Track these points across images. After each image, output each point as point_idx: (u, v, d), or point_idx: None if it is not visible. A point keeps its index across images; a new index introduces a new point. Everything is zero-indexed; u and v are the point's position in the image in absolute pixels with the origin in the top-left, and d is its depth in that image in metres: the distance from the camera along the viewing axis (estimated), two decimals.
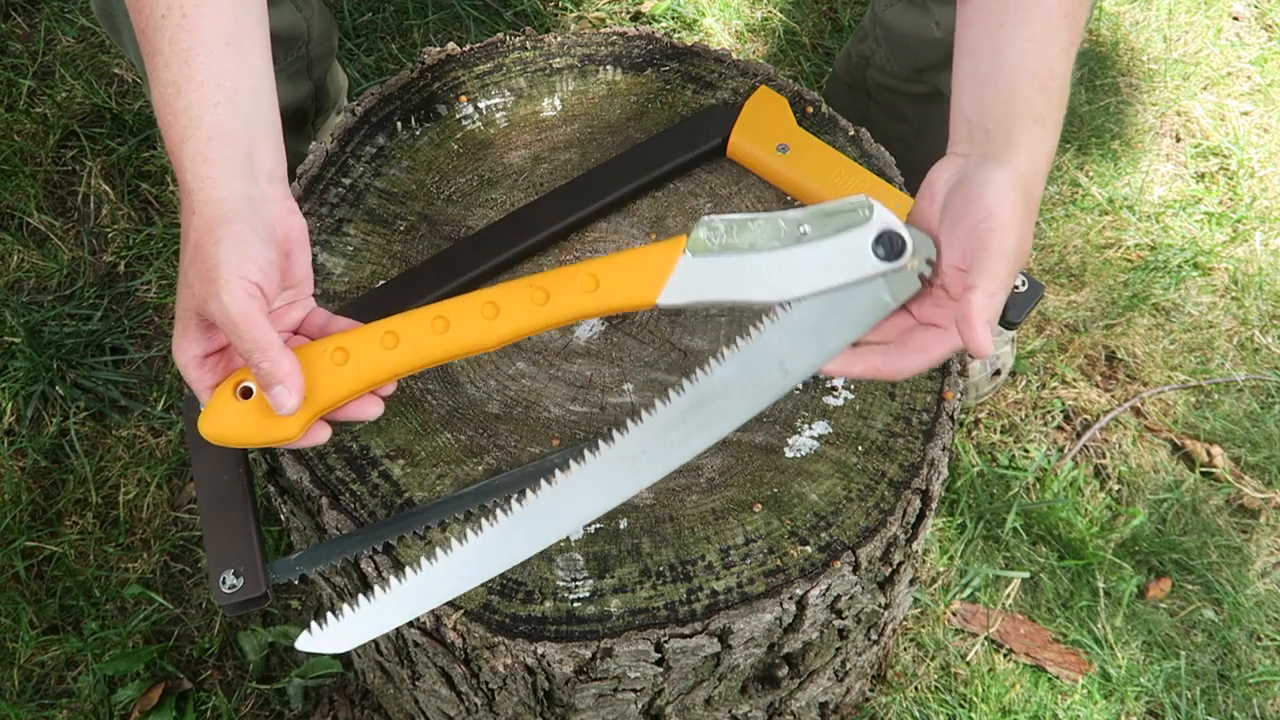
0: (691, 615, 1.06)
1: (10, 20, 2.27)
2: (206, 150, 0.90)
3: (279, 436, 0.90)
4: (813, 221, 0.90)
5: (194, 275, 0.88)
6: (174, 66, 0.91)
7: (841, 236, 0.90)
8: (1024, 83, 0.94)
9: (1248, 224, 2.11)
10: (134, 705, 1.66)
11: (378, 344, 0.90)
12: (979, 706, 1.68)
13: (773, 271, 0.90)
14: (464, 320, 0.90)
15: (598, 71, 1.34)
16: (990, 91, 0.94)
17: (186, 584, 1.76)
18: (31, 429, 1.86)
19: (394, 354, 0.90)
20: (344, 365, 0.90)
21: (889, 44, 1.61)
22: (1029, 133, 0.93)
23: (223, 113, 0.91)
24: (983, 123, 0.94)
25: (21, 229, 2.05)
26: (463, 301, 0.91)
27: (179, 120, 0.91)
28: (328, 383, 0.90)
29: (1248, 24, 2.37)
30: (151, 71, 0.93)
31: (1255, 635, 1.76)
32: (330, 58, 1.70)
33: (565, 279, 0.91)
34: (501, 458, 1.12)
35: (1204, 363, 1.98)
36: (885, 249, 0.90)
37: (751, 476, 1.12)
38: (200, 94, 0.91)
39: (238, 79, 0.93)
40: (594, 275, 0.90)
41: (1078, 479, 1.86)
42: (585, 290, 0.90)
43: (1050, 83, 0.94)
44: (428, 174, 1.27)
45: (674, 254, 0.90)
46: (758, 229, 0.90)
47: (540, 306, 0.90)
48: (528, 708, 1.16)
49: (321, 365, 0.90)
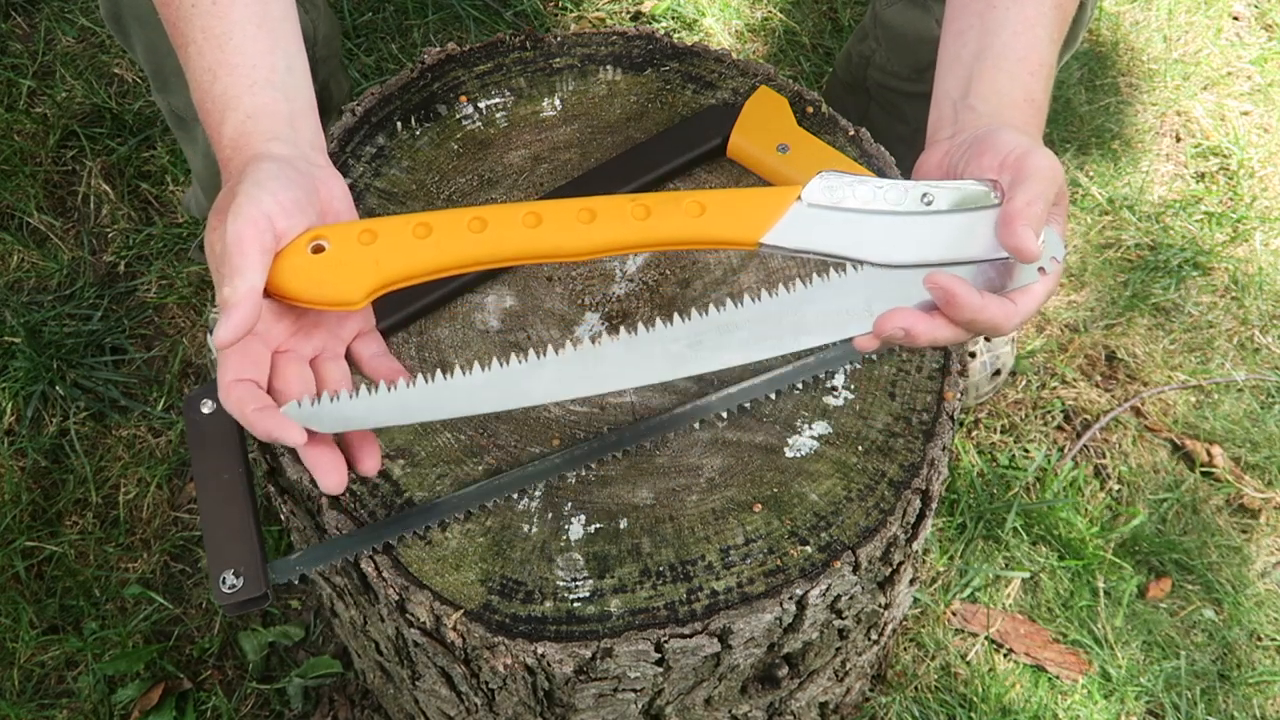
0: (691, 615, 1.06)
1: (10, 20, 2.27)
2: (246, 126, 0.90)
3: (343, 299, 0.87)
4: (939, 193, 0.87)
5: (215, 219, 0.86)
6: (208, 53, 0.92)
7: (969, 214, 0.87)
8: (1014, 64, 0.93)
9: (1248, 224, 2.11)
10: (134, 705, 1.66)
11: (464, 227, 0.87)
12: (979, 706, 1.68)
13: (888, 234, 0.87)
14: (557, 220, 0.87)
15: (598, 71, 1.34)
16: (979, 71, 0.93)
17: (186, 584, 1.76)
18: (31, 429, 1.86)
19: (479, 238, 0.86)
20: (425, 239, 0.87)
21: (889, 43, 1.61)
22: (1020, 111, 0.92)
23: (259, 91, 0.91)
24: (970, 101, 0.93)
25: (21, 229, 2.05)
26: (557, 204, 0.87)
27: (217, 105, 0.91)
28: (405, 254, 0.86)
29: (1248, 24, 2.38)
30: (185, 62, 0.93)
31: (1255, 635, 1.76)
32: (335, 60, 1.70)
33: (669, 201, 0.87)
34: (501, 458, 1.12)
35: (1204, 363, 1.98)
36: None
37: (751, 476, 1.12)
38: (235, 76, 0.91)
39: (273, 59, 0.93)
40: (700, 203, 0.87)
41: (1078, 479, 1.86)
42: (689, 215, 0.87)
43: (1040, 69, 0.93)
44: (428, 174, 1.27)
45: (788, 198, 0.87)
46: (881, 191, 0.87)
47: (640, 221, 0.87)
48: (528, 708, 1.16)
49: (401, 236, 0.86)
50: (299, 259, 0.86)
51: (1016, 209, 0.84)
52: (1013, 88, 0.92)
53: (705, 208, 0.87)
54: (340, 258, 0.86)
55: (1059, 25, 0.95)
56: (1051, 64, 0.95)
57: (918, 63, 1.58)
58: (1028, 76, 0.92)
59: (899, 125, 1.69)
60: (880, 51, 1.64)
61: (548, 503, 1.10)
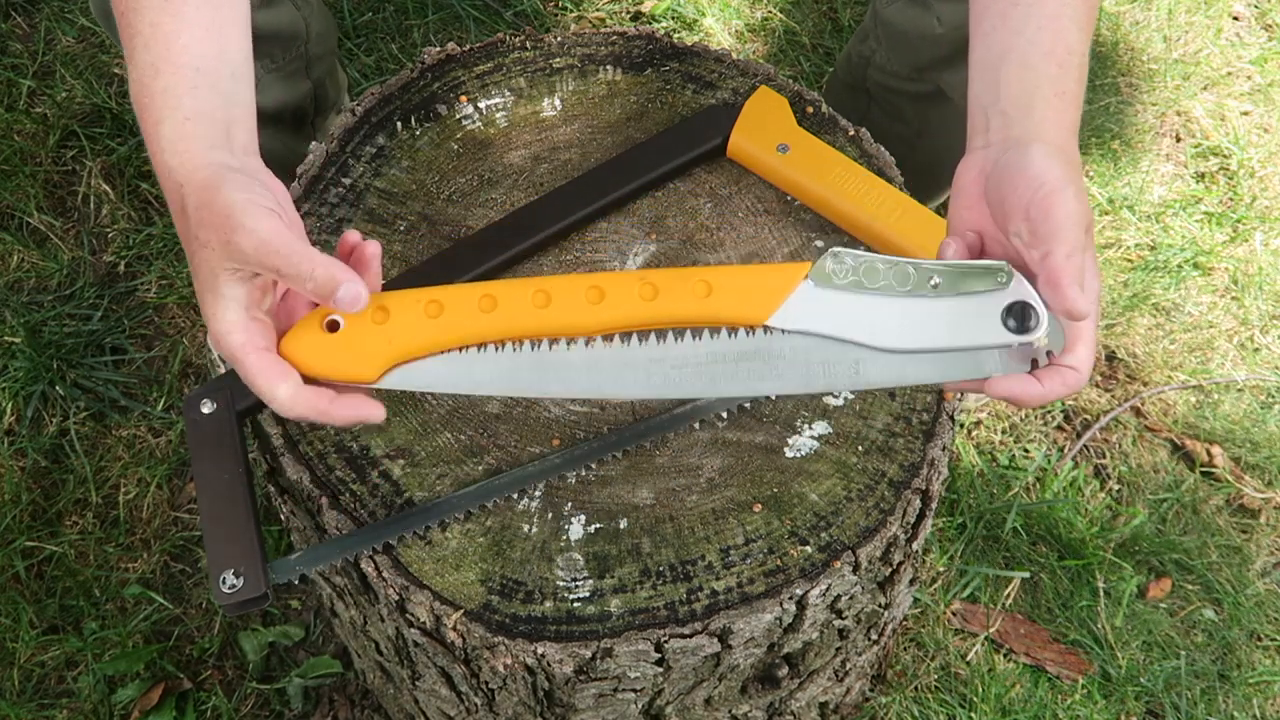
0: (691, 615, 1.06)
1: (10, 20, 2.27)
2: (184, 129, 0.90)
3: (357, 376, 0.89)
4: (945, 275, 0.87)
5: (207, 234, 0.87)
6: (153, 49, 0.92)
7: (973, 298, 0.87)
8: (1040, 60, 0.92)
9: (1248, 224, 2.11)
10: (134, 705, 1.66)
11: (475, 306, 0.89)
12: (979, 706, 1.68)
13: (892, 318, 0.88)
14: (566, 299, 0.89)
15: (598, 71, 1.34)
16: (1006, 72, 0.93)
17: (186, 584, 1.76)
18: (31, 429, 1.86)
19: (489, 318, 0.89)
20: (437, 319, 0.89)
21: (890, 42, 1.61)
22: (1050, 107, 0.91)
23: (200, 95, 0.91)
24: (1001, 106, 0.92)
25: (21, 229, 2.05)
26: (567, 282, 0.89)
27: (155, 101, 0.91)
28: (417, 333, 0.89)
29: (1248, 24, 2.37)
30: (130, 53, 0.93)
31: (1255, 635, 1.76)
32: (330, 57, 1.70)
33: (677, 280, 0.89)
34: (501, 458, 1.12)
35: (1204, 363, 1.98)
36: (1017, 321, 0.87)
37: (751, 476, 1.12)
38: (179, 76, 0.91)
39: (217, 64, 0.93)
40: (708, 282, 0.88)
41: (1078, 479, 1.86)
42: (697, 295, 0.89)
43: (1069, 58, 0.92)
44: (428, 174, 1.27)
45: (795, 278, 0.88)
46: (887, 271, 0.88)
47: (647, 302, 0.88)
48: (528, 708, 1.16)
49: (413, 315, 0.89)
50: (313, 337, 0.89)
51: (1058, 267, 0.83)
52: (1040, 84, 0.92)
53: (712, 288, 0.88)
54: (354, 337, 0.89)
55: (1089, 10, 0.94)
56: (1082, 51, 0.93)
57: (917, 61, 1.58)
58: (1056, 69, 0.92)
59: (899, 126, 1.69)
60: (880, 51, 1.64)
61: (548, 503, 1.10)
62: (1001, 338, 0.87)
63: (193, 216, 0.88)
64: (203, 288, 0.89)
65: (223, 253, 0.86)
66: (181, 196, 0.89)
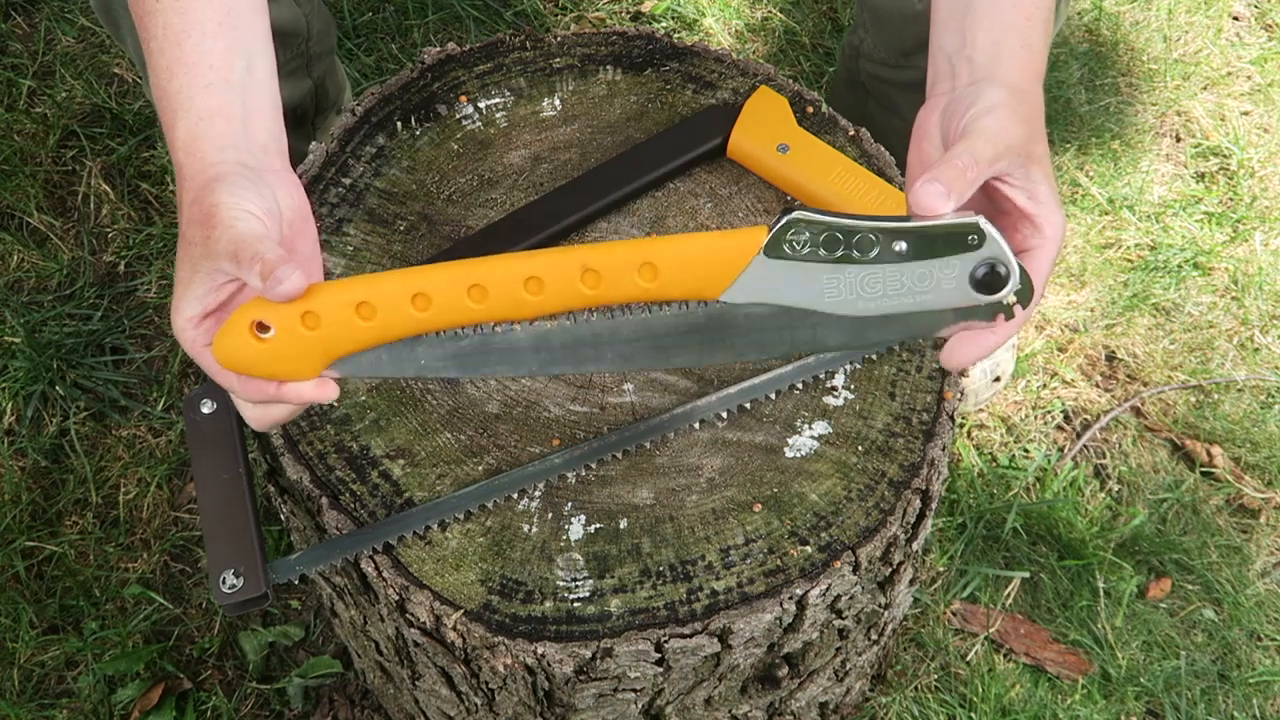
0: (691, 615, 1.06)
1: (10, 20, 2.27)
2: (198, 129, 0.90)
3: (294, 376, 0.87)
4: (912, 240, 0.82)
5: (194, 230, 0.86)
6: (167, 51, 0.92)
7: (941, 261, 0.83)
8: (1009, 11, 0.92)
9: (1248, 224, 2.11)
10: (134, 705, 1.66)
11: (408, 305, 0.85)
12: (979, 706, 1.68)
13: (853, 287, 0.84)
14: (503, 293, 0.84)
15: (598, 71, 1.34)
16: (973, 21, 0.92)
17: (186, 584, 1.76)
18: (31, 429, 1.86)
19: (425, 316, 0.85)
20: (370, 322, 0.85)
21: (875, 26, 1.60)
22: (1017, 57, 0.91)
23: (214, 93, 0.91)
24: (967, 52, 0.92)
25: (21, 229, 2.05)
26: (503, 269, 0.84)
27: (172, 103, 0.91)
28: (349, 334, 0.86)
29: (1248, 24, 2.37)
30: (148, 57, 0.93)
31: (1255, 635, 1.76)
32: (329, 56, 1.70)
33: (621, 262, 0.83)
34: (501, 458, 1.12)
35: (1204, 363, 1.98)
36: (985, 279, 0.83)
37: (751, 476, 1.12)
38: (192, 76, 0.91)
39: (230, 59, 0.92)
40: (653, 264, 0.83)
41: (1078, 479, 1.86)
42: (643, 279, 0.83)
43: (1036, 11, 0.92)
44: (428, 174, 1.27)
45: (748, 252, 0.83)
46: (849, 239, 0.83)
47: (590, 290, 0.84)
48: (528, 708, 1.16)
49: (344, 315, 0.85)
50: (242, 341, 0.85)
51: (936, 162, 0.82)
52: (1007, 34, 0.91)
53: (659, 271, 0.83)
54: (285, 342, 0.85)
55: None
56: (1049, 7, 0.94)
57: (904, 44, 1.57)
58: (1023, 21, 0.92)
59: (895, 120, 1.68)
60: (868, 39, 1.63)
61: (548, 503, 1.10)
62: (969, 299, 0.84)
63: (186, 212, 0.89)
64: (178, 281, 0.89)
65: (202, 249, 0.86)
66: (184, 193, 0.90)
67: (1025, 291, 0.85)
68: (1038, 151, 0.88)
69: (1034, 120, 0.89)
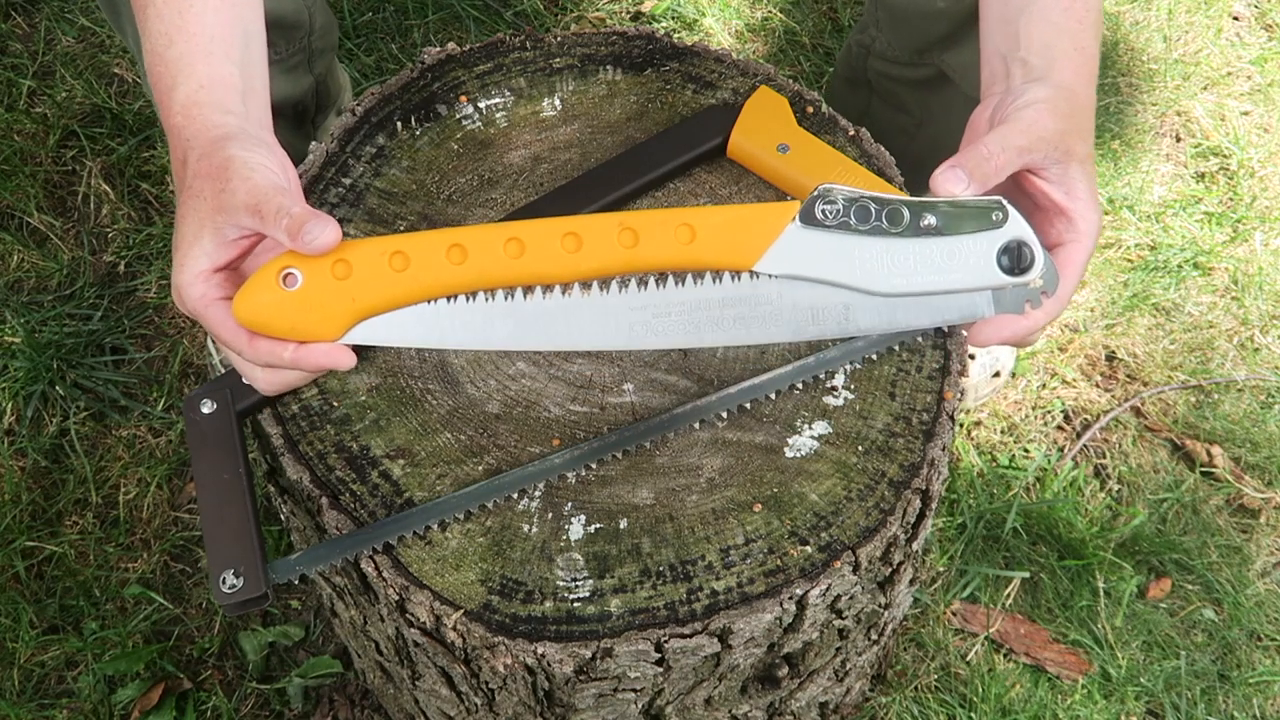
0: (691, 615, 1.06)
1: (10, 20, 2.27)
2: (199, 95, 0.90)
3: (316, 333, 0.85)
4: (940, 215, 0.84)
5: (202, 184, 0.86)
6: (167, 17, 0.91)
7: (968, 238, 0.84)
8: (1060, 14, 0.93)
9: (1248, 224, 2.11)
10: (134, 705, 1.66)
11: (443, 257, 0.83)
12: (979, 706, 1.68)
13: (885, 260, 0.85)
14: (541, 247, 0.83)
15: (598, 71, 1.34)
16: (1026, 24, 0.93)
17: (186, 584, 1.76)
18: (31, 429, 1.86)
19: (460, 269, 0.83)
20: (403, 272, 0.83)
21: (891, 24, 1.60)
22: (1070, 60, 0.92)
23: (215, 62, 0.91)
24: (1021, 54, 0.93)
25: (21, 229, 2.05)
26: (542, 228, 0.84)
27: (170, 69, 0.91)
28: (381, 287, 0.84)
29: (1248, 24, 2.38)
30: (143, 24, 0.93)
31: (1255, 635, 1.76)
32: (331, 53, 1.70)
33: (658, 225, 0.84)
34: (501, 458, 1.12)
35: (1204, 363, 1.98)
36: (1011, 261, 0.85)
37: (751, 476, 1.12)
38: (193, 44, 0.91)
39: (231, 33, 0.93)
40: (690, 226, 0.84)
41: (1078, 479, 1.86)
42: (680, 242, 0.84)
43: (1086, 14, 0.93)
44: (428, 174, 1.27)
45: (783, 220, 0.84)
46: (880, 211, 0.84)
47: (627, 249, 0.84)
48: (528, 708, 1.16)
49: (377, 267, 0.83)
50: (269, 294, 0.84)
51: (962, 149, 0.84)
52: (1060, 37, 0.92)
53: (696, 233, 0.84)
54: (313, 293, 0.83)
55: None
56: (1098, 8, 0.95)
57: (919, 42, 1.57)
58: (1074, 25, 0.93)
59: (901, 117, 1.68)
60: (881, 38, 1.63)
61: (548, 503, 1.10)
62: (996, 279, 0.85)
63: (192, 168, 0.88)
64: (181, 238, 0.87)
65: (214, 204, 0.86)
66: (185, 151, 0.89)
67: (1050, 277, 0.86)
68: (1078, 149, 0.89)
69: (1077, 117, 0.90)
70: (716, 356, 1.17)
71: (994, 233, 0.84)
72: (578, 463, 1.11)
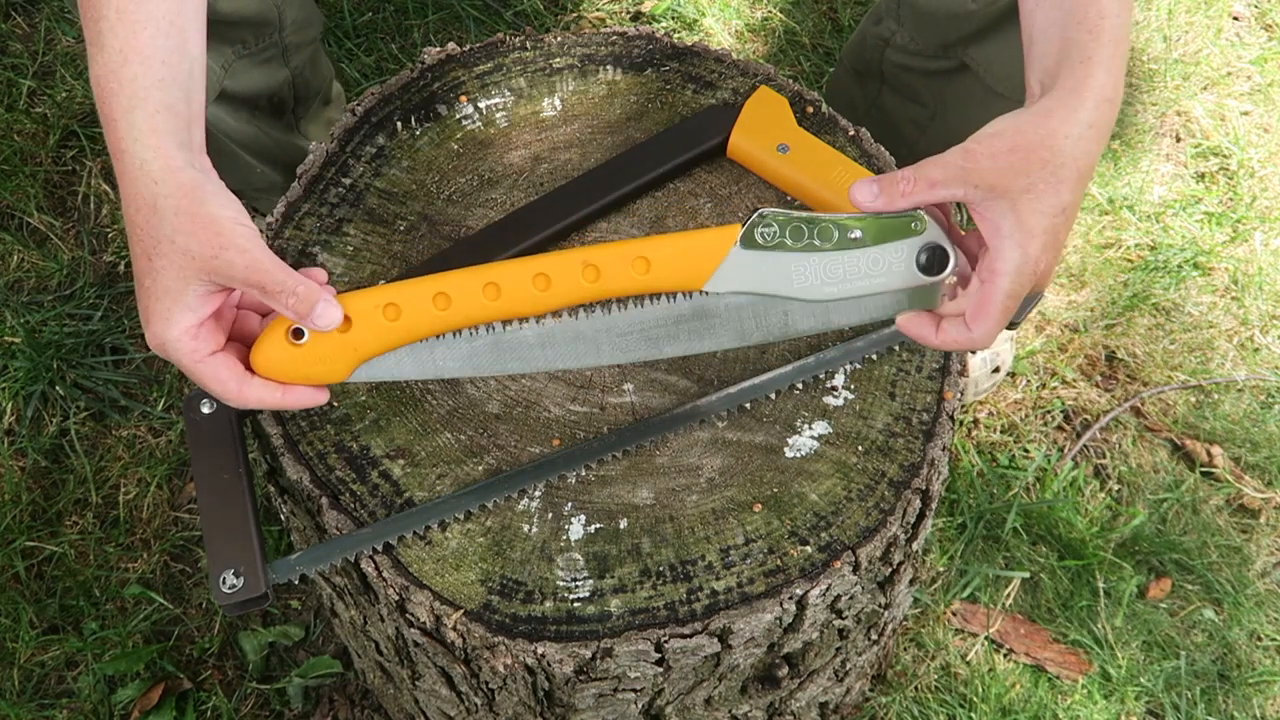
0: (691, 615, 1.06)
1: (10, 20, 2.27)
2: (155, 122, 0.93)
3: (325, 379, 0.97)
4: (865, 229, 0.95)
5: (187, 241, 0.90)
6: (120, 34, 0.94)
7: (889, 245, 0.95)
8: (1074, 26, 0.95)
9: (1248, 224, 2.11)
10: (134, 705, 1.66)
11: (429, 304, 0.95)
12: (979, 706, 1.68)
13: (818, 272, 0.96)
14: (515, 289, 0.95)
15: (598, 71, 1.34)
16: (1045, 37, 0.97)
17: (186, 584, 1.76)
18: (31, 429, 1.86)
19: (445, 314, 0.96)
20: (395, 322, 0.95)
21: (916, 22, 1.57)
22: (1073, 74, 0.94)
23: (167, 88, 0.94)
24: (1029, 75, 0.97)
25: (21, 229, 2.05)
26: (515, 269, 0.96)
27: (125, 89, 0.94)
28: (378, 336, 0.96)
29: (1248, 24, 2.38)
30: (95, 36, 0.95)
31: (1255, 635, 1.76)
32: (311, 47, 1.68)
33: (617, 258, 0.95)
34: (501, 458, 1.12)
35: (1204, 363, 1.98)
36: (929, 263, 0.95)
37: (751, 476, 1.12)
38: (146, 68, 0.94)
39: (179, 60, 0.96)
40: (645, 258, 0.95)
41: (1078, 479, 1.86)
42: (636, 273, 0.96)
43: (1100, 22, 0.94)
44: (428, 174, 1.27)
45: (726, 244, 0.95)
46: (811, 230, 0.95)
47: (591, 284, 0.95)
48: (528, 708, 1.16)
49: (373, 319, 0.95)
50: (281, 350, 0.95)
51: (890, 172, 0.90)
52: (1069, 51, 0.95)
53: (651, 264, 0.96)
54: (320, 346, 0.95)
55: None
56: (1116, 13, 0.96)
57: (946, 39, 1.55)
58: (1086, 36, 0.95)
59: (914, 108, 1.65)
60: (901, 32, 1.60)
61: (548, 503, 1.10)
62: (915, 280, 0.96)
63: (169, 220, 0.91)
64: (163, 289, 0.92)
65: (205, 265, 0.90)
66: (154, 195, 0.91)
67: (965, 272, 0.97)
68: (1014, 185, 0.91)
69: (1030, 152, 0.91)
70: (716, 357, 1.17)
71: (914, 240, 0.95)
72: (578, 463, 1.11)
